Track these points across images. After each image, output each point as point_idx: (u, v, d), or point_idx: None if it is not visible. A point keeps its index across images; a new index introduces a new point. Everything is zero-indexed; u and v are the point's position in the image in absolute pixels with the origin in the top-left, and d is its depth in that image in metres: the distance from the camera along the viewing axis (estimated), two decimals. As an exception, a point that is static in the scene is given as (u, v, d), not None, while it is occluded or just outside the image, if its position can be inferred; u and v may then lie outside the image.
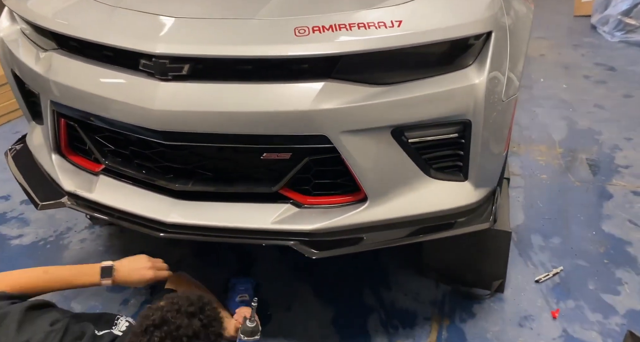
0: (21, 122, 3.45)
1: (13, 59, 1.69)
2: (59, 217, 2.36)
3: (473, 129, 1.37)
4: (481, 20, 1.33)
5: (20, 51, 1.64)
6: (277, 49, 1.30)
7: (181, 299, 1.12)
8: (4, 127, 3.36)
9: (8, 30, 1.75)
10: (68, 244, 2.20)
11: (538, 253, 2.08)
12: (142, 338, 1.04)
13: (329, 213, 1.46)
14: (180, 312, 1.08)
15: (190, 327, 1.06)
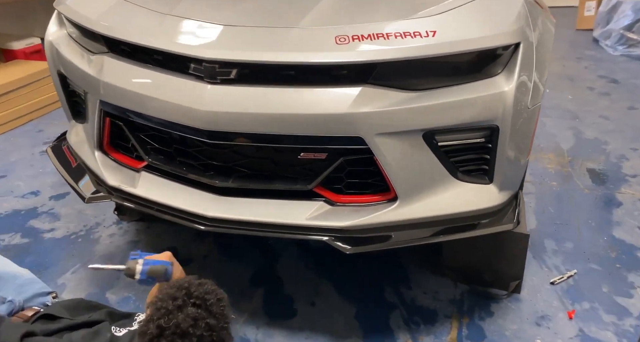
0: (43, 121, 3.55)
1: (61, 61, 1.77)
2: (87, 213, 2.43)
3: (500, 134, 1.45)
4: (510, 32, 1.42)
5: (70, 54, 1.72)
6: (320, 56, 1.38)
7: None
8: (27, 126, 3.44)
9: (56, 34, 1.84)
10: (98, 238, 2.27)
11: (552, 256, 2.16)
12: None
13: (361, 211, 1.54)
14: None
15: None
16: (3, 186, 2.70)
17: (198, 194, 1.60)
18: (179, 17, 1.53)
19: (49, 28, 1.88)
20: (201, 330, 1.07)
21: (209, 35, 1.45)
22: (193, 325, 1.07)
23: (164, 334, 1.06)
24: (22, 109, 3.41)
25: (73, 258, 2.14)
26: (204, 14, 1.53)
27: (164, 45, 1.45)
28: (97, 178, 1.71)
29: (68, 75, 1.77)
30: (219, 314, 1.11)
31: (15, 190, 2.65)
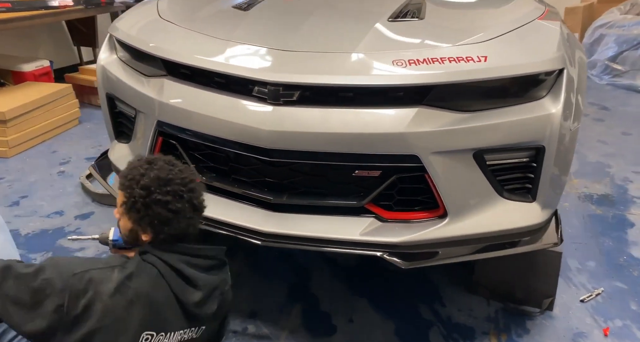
0: (56, 141, 3.54)
1: (113, 84, 1.81)
2: (113, 233, 2.41)
3: (546, 154, 1.52)
4: (553, 59, 1.51)
5: (124, 77, 1.76)
6: (378, 79, 1.45)
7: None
8: (40, 147, 3.42)
9: (108, 59, 1.89)
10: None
11: (577, 275, 2.22)
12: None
13: (412, 227, 1.58)
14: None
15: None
16: (27, 206, 2.66)
17: (251, 210, 1.62)
18: (241, 43, 1.59)
19: (101, 53, 1.93)
20: (180, 174, 1.23)
21: (271, 60, 1.51)
22: (171, 170, 1.22)
23: (151, 191, 1.18)
24: (36, 130, 3.39)
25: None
26: (264, 40, 1.60)
27: (230, 69, 1.50)
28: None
29: (120, 97, 1.80)
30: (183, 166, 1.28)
31: (39, 210, 2.62)
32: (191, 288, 1.22)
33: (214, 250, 1.33)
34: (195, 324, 1.28)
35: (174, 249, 1.24)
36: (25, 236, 2.42)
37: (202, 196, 1.29)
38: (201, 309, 1.25)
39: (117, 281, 1.13)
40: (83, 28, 4.45)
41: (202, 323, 1.30)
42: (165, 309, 1.19)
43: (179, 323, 1.23)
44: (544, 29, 1.67)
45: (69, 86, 3.67)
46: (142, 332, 1.15)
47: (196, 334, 1.29)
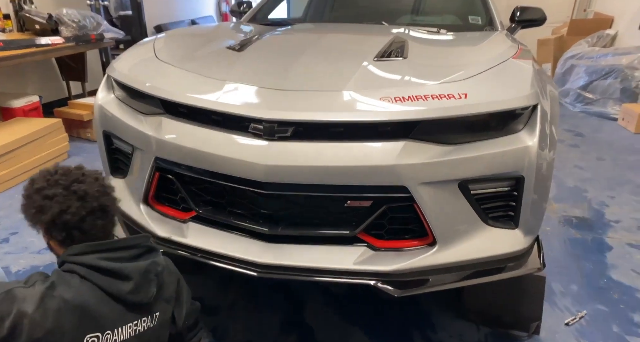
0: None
1: (110, 121, 1.87)
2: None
3: (526, 183, 1.62)
4: (528, 95, 1.63)
5: (122, 115, 1.82)
6: (367, 115, 1.54)
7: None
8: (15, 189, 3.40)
9: (106, 98, 1.96)
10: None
11: (561, 298, 2.30)
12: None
13: (403, 256, 1.65)
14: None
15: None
16: (17, 243, 2.65)
17: (247, 241, 1.67)
18: (236, 83, 1.68)
19: (99, 92, 1.99)
20: (70, 169, 1.29)
21: (266, 99, 1.59)
22: (61, 168, 1.28)
23: (33, 182, 1.25)
24: (25, 166, 3.40)
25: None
26: (258, 80, 1.69)
27: (227, 107, 1.58)
28: (145, 230, 1.76)
29: (117, 135, 1.86)
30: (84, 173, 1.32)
31: (30, 246, 2.61)
32: (119, 280, 1.22)
33: (135, 239, 1.33)
34: (145, 313, 1.29)
35: (90, 250, 1.23)
36: (16, 273, 2.41)
37: (92, 187, 1.27)
38: (139, 296, 1.25)
39: (39, 293, 1.13)
40: (73, 63, 4.52)
41: (153, 310, 1.30)
42: (101, 309, 1.19)
43: (124, 317, 1.23)
44: (518, 68, 1.80)
45: (59, 121, 3.71)
46: (83, 337, 1.15)
47: (152, 322, 1.30)
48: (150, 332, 1.30)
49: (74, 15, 4.01)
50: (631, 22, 6.15)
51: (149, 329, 1.29)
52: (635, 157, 4.19)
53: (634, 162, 4.08)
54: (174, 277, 1.42)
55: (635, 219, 3.08)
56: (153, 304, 1.30)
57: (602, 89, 5.58)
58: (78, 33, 4.04)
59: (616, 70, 5.55)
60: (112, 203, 1.32)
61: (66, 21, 3.93)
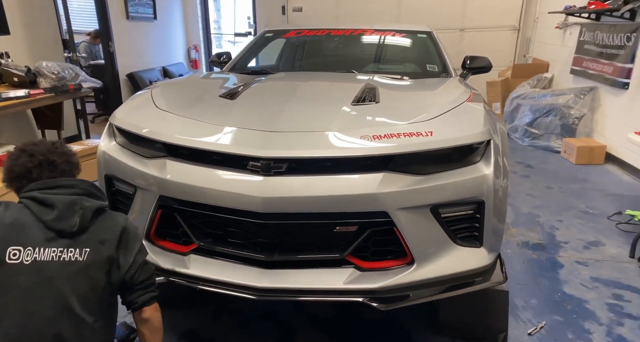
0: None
1: (113, 166, 2.06)
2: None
3: (486, 207, 1.90)
4: (482, 132, 1.94)
5: (125, 159, 2.01)
6: (350, 151, 1.81)
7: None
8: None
9: (108, 144, 2.14)
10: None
11: (523, 312, 2.56)
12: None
13: (386, 275, 1.87)
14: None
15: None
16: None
17: (245, 268, 1.85)
18: (234, 127, 1.91)
19: (102, 139, 2.17)
20: (41, 143, 1.59)
21: (262, 140, 1.82)
22: (34, 143, 1.58)
23: (29, 170, 1.53)
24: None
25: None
26: (254, 124, 1.93)
27: (227, 148, 1.80)
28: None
29: (120, 177, 2.03)
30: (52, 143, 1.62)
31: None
32: (47, 208, 1.47)
33: (74, 180, 1.57)
34: (73, 245, 1.47)
35: (35, 187, 1.51)
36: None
37: (42, 147, 1.58)
38: (61, 224, 1.46)
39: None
40: (49, 113, 4.62)
41: (81, 245, 1.48)
42: (29, 230, 1.45)
43: (48, 242, 1.45)
44: (472, 110, 2.13)
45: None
46: (6, 247, 1.42)
47: (81, 256, 1.48)
48: (79, 266, 1.47)
49: (53, 68, 4.16)
50: (564, 66, 6.88)
51: (76, 261, 1.47)
52: (577, 185, 4.66)
53: (577, 190, 4.53)
54: (117, 225, 1.58)
55: (580, 240, 3.45)
56: (81, 238, 1.49)
57: (545, 125, 6.15)
58: (57, 84, 4.18)
59: (555, 108, 6.16)
60: (63, 159, 1.58)
61: (45, 73, 4.08)
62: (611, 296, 2.73)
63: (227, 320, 2.44)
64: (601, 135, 5.72)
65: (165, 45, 8.45)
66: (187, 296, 2.53)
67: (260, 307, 2.57)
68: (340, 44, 3.66)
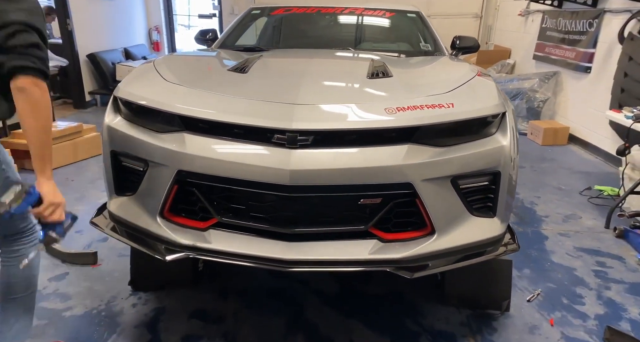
0: None
1: (120, 141, 1.94)
2: (98, 289, 2.39)
3: (501, 178, 1.96)
4: (498, 104, 1.98)
5: (136, 134, 1.90)
6: (376, 123, 1.80)
7: None
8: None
9: (113, 120, 2.02)
10: (121, 309, 2.25)
11: (519, 281, 2.68)
12: None
13: (407, 245, 1.89)
14: None
15: None
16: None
17: (269, 242, 1.81)
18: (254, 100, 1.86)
19: (106, 114, 2.03)
20: None
21: (286, 112, 1.78)
22: None
23: None
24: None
25: (106, 330, 2.10)
26: (274, 97, 1.88)
27: (251, 121, 1.74)
28: (166, 241, 1.83)
29: (129, 153, 1.92)
30: None
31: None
32: None
33: None
34: None
35: None
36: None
37: None
38: None
39: None
40: (12, 91, 4.28)
41: None
42: None
43: None
44: (485, 84, 2.17)
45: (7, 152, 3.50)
46: None
47: None
48: None
49: (17, 42, 3.84)
50: (526, 52, 7.16)
51: None
52: (547, 164, 4.89)
53: (547, 168, 4.76)
54: None
55: (559, 214, 3.64)
56: None
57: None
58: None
59: (521, 93, 6.42)
60: None
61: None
62: (595, 263, 2.90)
63: (234, 298, 2.41)
64: (563, 118, 6.02)
65: (125, 26, 8.06)
66: (190, 276, 2.47)
67: (266, 284, 2.55)
68: (331, 21, 3.62)
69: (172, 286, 2.45)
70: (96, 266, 2.66)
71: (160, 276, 2.48)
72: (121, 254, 2.77)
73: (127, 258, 2.43)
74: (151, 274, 2.48)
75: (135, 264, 2.47)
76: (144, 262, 2.42)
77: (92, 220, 2.06)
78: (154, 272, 2.46)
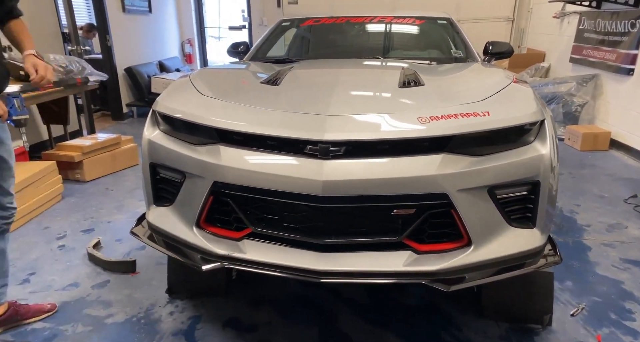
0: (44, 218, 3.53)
1: (159, 154, 2.00)
2: (137, 297, 2.44)
3: (541, 187, 1.89)
4: (536, 112, 1.93)
5: (174, 147, 1.95)
6: (410, 133, 1.78)
7: None
8: (30, 224, 3.36)
9: (153, 132, 2.09)
10: (159, 317, 2.30)
11: (561, 294, 2.58)
12: None
13: (443, 257, 1.85)
14: None
15: None
16: (38, 282, 2.61)
17: (302, 252, 1.81)
18: (287, 112, 1.87)
19: (146, 128, 2.11)
20: None
21: (318, 123, 1.78)
22: None
23: None
24: (25, 209, 3.34)
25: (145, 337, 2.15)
26: (306, 108, 1.89)
27: (284, 133, 1.76)
28: (202, 251, 1.86)
29: (167, 165, 1.97)
30: None
31: (53, 284, 2.57)
32: None
33: None
34: None
35: None
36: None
37: None
38: None
39: None
40: (55, 107, 4.49)
41: None
42: None
43: None
44: (521, 90, 2.12)
45: (53, 163, 3.67)
46: None
47: None
48: None
49: (60, 61, 4.04)
50: (562, 55, 6.96)
51: None
52: (587, 171, 4.72)
53: (587, 175, 4.59)
54: None
55: (602, 223, 3.49)
56: None
57: (548, 113, 6.21)
58: (64, 77, 4.06)
59: (557, 97, 6.23)
60: None
61: (53, 66, 3.95)
62: (644, 276, 2.77)
63: (267, 307, 2.41)
64: (604, 122, 5.80)
65: (160, 40, 8.31)
66: (223, 284, 2.49)
67: (297, 293, 2.55)
68: (360, 31, 3.63)
69: (207, 294, 2.48)
70: (135, 274, 2.72)
71: (195, 284, 2.52)
72: (158, 263, 2.83)
73: (163, 266, 2.48)
74: (187, 283, 2.52)
75: (172, 272, 2.52)
76: (181, 271, 2.47)
77: (132, 230, 2.11)
78: (189, 280, 2.51)
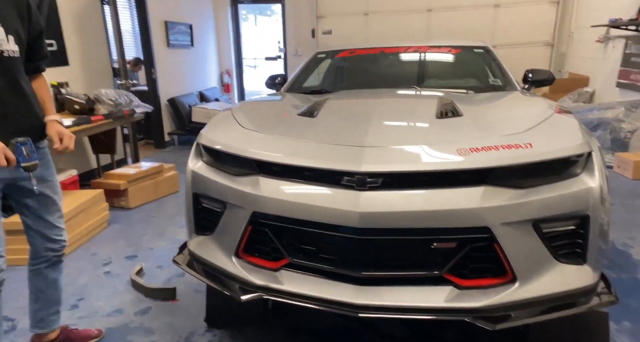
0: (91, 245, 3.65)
1: (202, 184, 2.06)
2: (177, 325, 2.47)
3: (591, 221, 1.81)
4: (582, 143, 1.86)
5: (216, 177, 2.01)
6: (449, 165, 1.75)
7: None
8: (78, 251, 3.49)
9: (196, 164, 2.16)
10: (198, 346, 2.30)
11: (618, 335, 2.41)
12: None
13: (487, 293, 1.78)
14: None
15: None
16: (86, 308, 2.69)
17: (339, 285, 1.79)
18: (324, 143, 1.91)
19: (190, 160, 2.19)
20: None
21: (355, 155, 1.79)
22: None
23: None
24: (74, 236, 3.48)
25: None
26: (343, 139, 1.92)
27: (321, 164, 1.78)
28: (241, 280, 1.87)
29: (209, 195, 2.03)
30: None
31: (99, 310, 2.65)
32: None
33: None
34: None
35: None
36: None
37: None
38: None
39: None
40: (104, 137, 4.73)
41: None
42: None
43: None
44: (565, 121, 2.06)
45: (101, 192, 3.84)
46: None
47: None
48: None
49: (110, 94, 4.29)
50: (607, 79, 6.75)
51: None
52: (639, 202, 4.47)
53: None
54: None
55: (660, 258, 3.27)
56: None
57: (594, 140, 5.98)
58: (114, 110, 4.29)
59: (604, 123, 6.01)
60: None
61: (104, 100, 4.19)
62: None
63: (303, 337, 2.38)
64: (656, 149, 5.53)
65: (201, 71, 8.65)
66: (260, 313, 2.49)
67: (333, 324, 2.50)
68: (395, 61, 3.66)
69: (244, 323, 2.48)
70: (175, 301, 2.76)
71: (233, 313, 2.52)
72: (197, 290, 2.86)
73: (202, 294, 2.50)
74: (225, 311, 2.53)
75: (210, 301, 2.53)
76: (219, 299, 2.49)
77: (174, 258, 2.16)
78: (228, 309, 2.51)
